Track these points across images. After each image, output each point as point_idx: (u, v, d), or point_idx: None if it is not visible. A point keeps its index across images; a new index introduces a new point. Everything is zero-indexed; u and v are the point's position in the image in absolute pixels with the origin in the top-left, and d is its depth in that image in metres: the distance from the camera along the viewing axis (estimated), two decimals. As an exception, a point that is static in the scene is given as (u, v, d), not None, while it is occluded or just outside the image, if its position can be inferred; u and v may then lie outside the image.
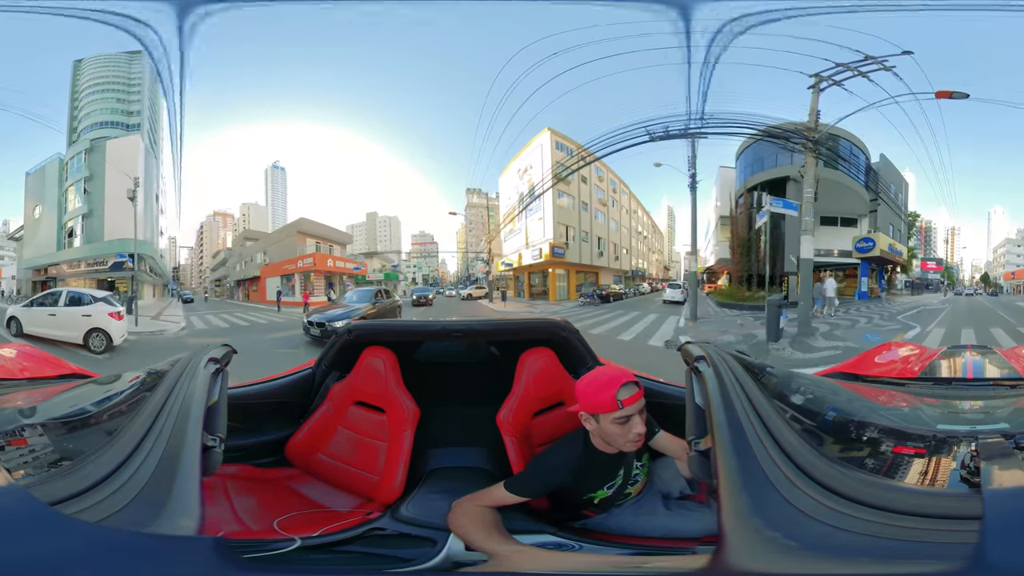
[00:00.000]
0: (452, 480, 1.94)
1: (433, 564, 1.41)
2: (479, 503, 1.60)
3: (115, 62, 24.36)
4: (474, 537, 1.44)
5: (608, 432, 1.61)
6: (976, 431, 1.35)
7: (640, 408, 1.60)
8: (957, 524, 0.88)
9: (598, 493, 1.74)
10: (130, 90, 24.17)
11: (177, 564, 0.89)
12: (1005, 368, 2.51)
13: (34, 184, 23.36)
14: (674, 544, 1.59)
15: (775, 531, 0.92)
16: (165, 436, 1.11)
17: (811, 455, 1.10)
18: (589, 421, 1.63)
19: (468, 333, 2.28)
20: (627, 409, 1.57)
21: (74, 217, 22.66)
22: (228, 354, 1.61)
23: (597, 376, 1.64)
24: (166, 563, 0.89)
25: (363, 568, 1.43)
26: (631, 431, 1.59)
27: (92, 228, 22.12)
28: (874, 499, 0.96)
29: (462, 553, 1.44)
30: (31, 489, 0.94)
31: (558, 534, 1.57)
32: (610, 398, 1.56)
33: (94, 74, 24.24)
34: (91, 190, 22.25)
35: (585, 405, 1.62)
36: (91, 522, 0.90)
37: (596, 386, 1.61)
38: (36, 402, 1.82)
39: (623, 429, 1.59)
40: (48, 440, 1.37)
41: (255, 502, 1.82)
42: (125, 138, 23.30)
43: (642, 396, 1.60)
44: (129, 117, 24.08)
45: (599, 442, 1.67)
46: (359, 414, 2.10)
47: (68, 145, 23.48)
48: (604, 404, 1.57)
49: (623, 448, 1.68)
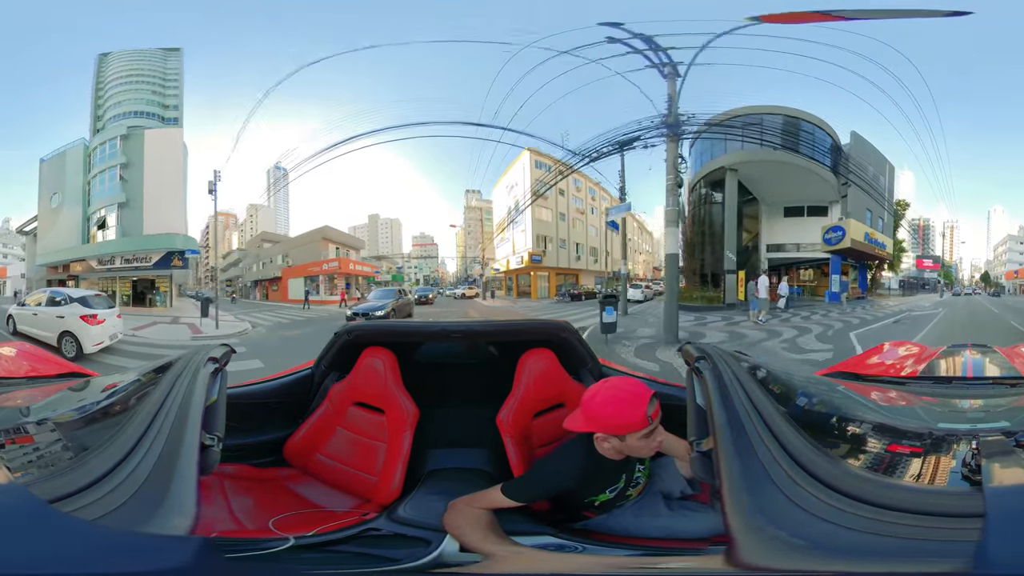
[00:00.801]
0: (451, 481, 1.94)
1: (420, 564, 1.40)
2: (475, 505, 1.58)
3: (149, 57, 24.18)
4: (470, 538, 1.42)
5: (633, 447, 1.58)
6: (977, 429, 1.35)
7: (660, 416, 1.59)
8: (959, 522, 0.88)
9: (600, 497, 1.73)
10: (165, 84, 23.92)
11: (168, 563, 0.89)
12: (1005, 366, 2.51)
13: (51, 172, 22.12)
14: (678, 544, 1.59)
15: (781, 530, 0.92)
16: (164, 434, 1.12)
17: (813, 454, 1.10)
18: (608, 440, 1.56)
19: (468, 334, 2.28)
20: (655, 422, 1.55)
21: (106, 206, 21.71)
22: (227, 354, 1.61)
23: (617, 396, 1.57)
24: (157, 561, 0.89)
25: (352, 568, 1.42)
26: (655, 439, 1.58)
27: (130, 219, 21.33)
28: (877, 497, 0.96)
29: (455, 554, 1.43)
30: (30, 487, 0.94)
31: (558, 535, 1.55)
32: (641, 417, 1.52)
33: (124, 67, 23.94)
34: (128, 178, 21.49)
35: (608, 427, 1.55)
36: (88, 520, 0.90)
37: (623, 405, 1.55)
38: (36, 400, 1.82)
39: (648, 440, 1.57)
40: (47, 438, 1.37)
41: (252, 502, 1.81)
42: (165, 130, 22.69)
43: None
44: (165, 111, 23.68)
45: (611, 452, 1.62)
46: (358, 414, 2.09)
47: (93, 133, 22.72)
48: (636, 424, 1.53)
49: (643, 455, 1.67)
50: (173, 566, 0.89)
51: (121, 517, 0.91)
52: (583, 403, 1.62)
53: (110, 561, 0.85)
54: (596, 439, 1.59)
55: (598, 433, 1.57)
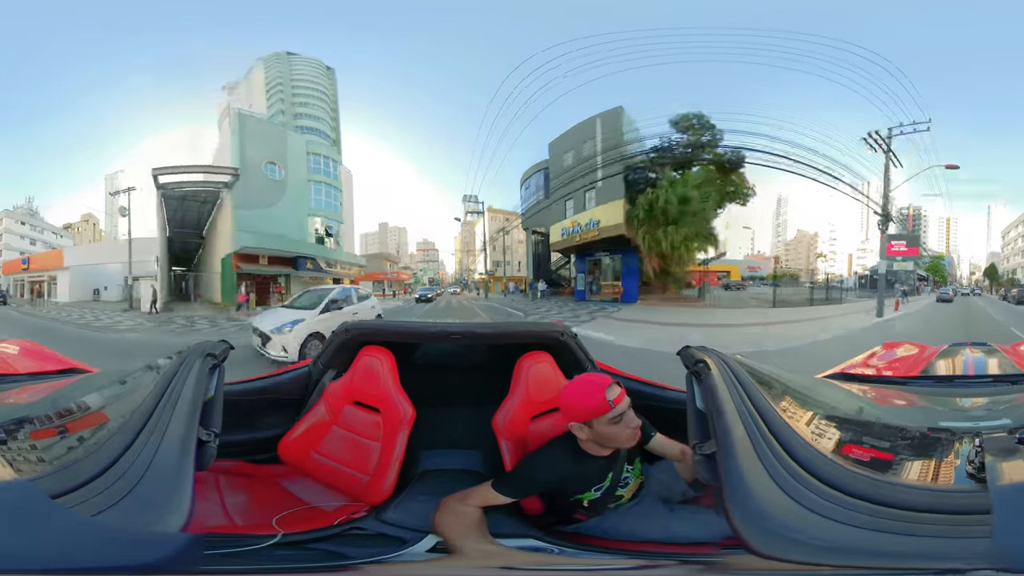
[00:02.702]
0: (443, 482, 1.93)
1: (376, 560, 1.40)
2: (467, 502, 1.60)
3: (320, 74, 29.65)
4: (452, 535, 1.44)
5: (606, 434, 1.63)
6: (979, 427, 1.34)
7: (629, 404, 1.65)
8: (966, 519, 0.87)
9: (586, 495, 1.73)
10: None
11: (160, 557, 0.90)
12: (1006, 364, 2.51)
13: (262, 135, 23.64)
14: (677, 549, 1.58)
15: (787, 531, 0.92)
16: (161, 430, 1.12)
17: (815, 455, 1.10)
18: (582, 430, 1.65)
19: (466, 335, 2.27)
20: (619, 407, 1.61)
21: (328, 219, 26.15)
22: (225, 350, 1.60)
23: (579, 385, 1.68)
24: (149, 556, 0.89)
25: (325, 563, 1.42)
26: (628, 425, 1.63)
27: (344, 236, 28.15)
28: (883, 497, 0.96)
29: (420, 554, 1.45)
30: (31, 482, 0.95)
31: (543, 538, 1.55)
32: (600, 400, 1.60)
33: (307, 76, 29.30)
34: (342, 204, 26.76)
35: (575, 414, 1.64)
36: (88, 515, 0.90)
37: (582, 393, 1.64)
38: (36, 397, 1.82)
39: (620, 427, 1.62)
40: (46, 434, 1.38)
41: (245, 498, 1.81)
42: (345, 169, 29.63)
43: (626, 393, 1.65)
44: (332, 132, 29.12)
45: (591, 447, 1.69)
46: (354, 414, 2.08)
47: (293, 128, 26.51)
48: (596, 408, 1.61)
49: (623, 445, 1.70)
50: (159, 559, 0.89)
51: (118, 512, 0.92)
52: (559, 399, 1.73)
53: (107, 555, 0.86)
54: (573, 429, 1.67)
55: (571, 423, 1.66)
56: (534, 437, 2.00)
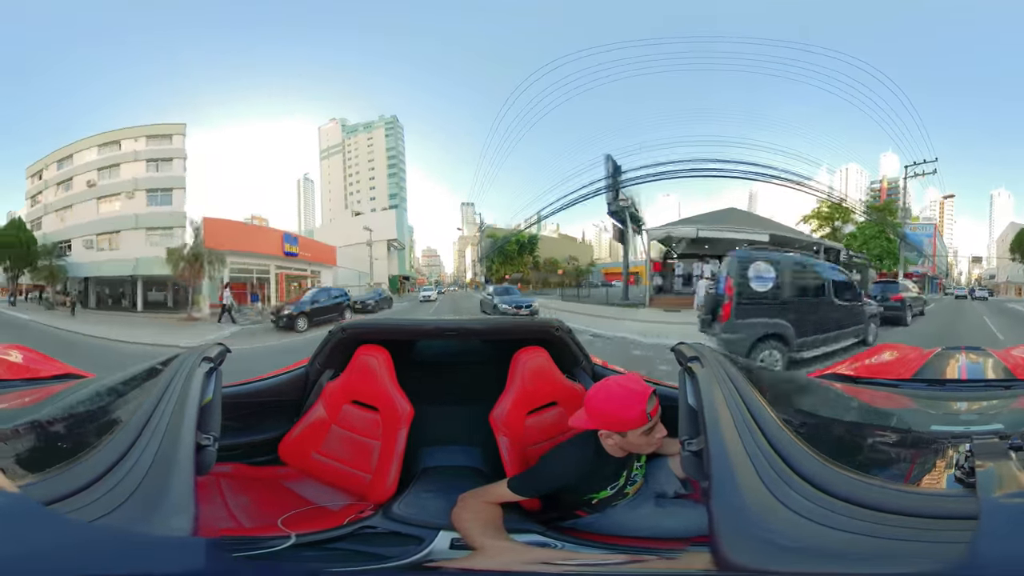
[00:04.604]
0: (445, 479, 1.94)
1: (411, 561, 1.42)
2: (482, 499, 1.62)
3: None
4: (470, 531, 1.45)
5: (635, 443, 1.64)
6: (970, 432, 1.34)
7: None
8: (952, 524, 0.88)
9: (600, 494, 1.75)
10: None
11: (170, 563, 0.89)
12: (998, 369, 2.53)
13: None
14: (664, 544, 1.59)
15: (768, 531, 0.92)
16: (159, 435, 1.11)
17: (804, 456, 1.09)
18: (611, 436, 1.63)
19: (462, 332, 2.27)
20: (655, 419, 1.61)
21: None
22: (222, 353, 1.60)
23: (616, 393, 1.63)
24: (159, 562, 0.88)
25: (348, 565, 1.44)
26: (655, 436, 1.64)
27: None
28: (869, 499, 0.96)
29: (444, 551, 1.46)
30: (27, 488, 0.94)
31: (547, 533, 1.58)
32: (640, 413, 1.58)
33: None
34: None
35: (611, 423, 1.61)
36: (86, 521, 0.89)
37: (622, 404, 1.60)
38: (33, 402, 1.81)
39: (650, 437, 1.63)
40: (44, 440, 1.37)
41: (249, 500, 1.81)
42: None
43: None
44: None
45: (614, 449, 1.68)
46: (353, 413, 2.09)
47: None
48: (635, 420, 1.59)
49: (644, 451, 1.73)
50: (183, 568, 0.89)
51: (119, 518, 0.91)
52: (586, 401, 1.67)
53: (111, 562, 0.85)
54: (600, 436, 1.64)
55: (602, 430, 1.62)
56: (532, 432, 2.01)
